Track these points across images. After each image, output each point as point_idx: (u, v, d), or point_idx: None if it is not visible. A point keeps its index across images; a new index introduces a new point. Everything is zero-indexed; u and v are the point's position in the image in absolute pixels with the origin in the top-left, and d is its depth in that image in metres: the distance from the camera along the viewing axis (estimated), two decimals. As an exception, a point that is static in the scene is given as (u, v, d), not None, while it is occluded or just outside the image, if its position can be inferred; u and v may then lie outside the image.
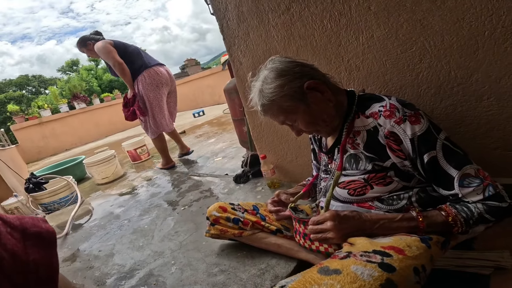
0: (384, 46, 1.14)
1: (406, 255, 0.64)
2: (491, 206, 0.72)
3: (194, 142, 4.37)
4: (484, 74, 1.00)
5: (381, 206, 0.86)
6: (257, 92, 0.88)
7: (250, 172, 2.12)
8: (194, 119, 7.63)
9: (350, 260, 0.64)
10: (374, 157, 0.84)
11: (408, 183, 0.84)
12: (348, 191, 0.90)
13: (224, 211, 1.20)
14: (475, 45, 0.98)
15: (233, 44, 1.65)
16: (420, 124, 0.77)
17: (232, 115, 2.45)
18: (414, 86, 1.13)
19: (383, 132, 0.81)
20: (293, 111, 0.86)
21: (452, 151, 0.76)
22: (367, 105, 0.86)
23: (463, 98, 1.07)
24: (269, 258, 1.14)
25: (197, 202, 1.97)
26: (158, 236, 1.63)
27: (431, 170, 0.77)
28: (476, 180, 0.73)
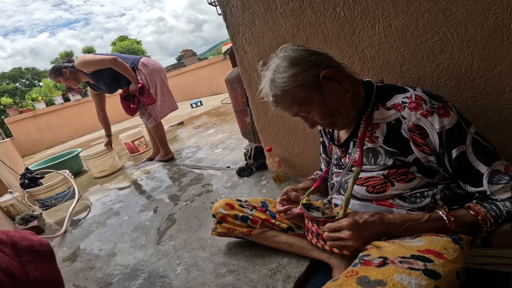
0: (403, 35, 1.07)
1: (446, 259, 0.60)
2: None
3: (193, 133, 4.30)
4: (507, 67, 0.96)
5: (404, 204, 0.81)
6: (268, 82, 0.82)
7: (254, 165, 2.07)
8: (192, 110, 7.53)
9: (391, 268, 0.58)
10: (396, 151, 0.79)
11: (432, 179, 0.79)
12: (367, 188, 0.85)
13: (231, 208, 1.15)
14: (500, 37, 0.93)
15: (237, 32, 1.57)
16: (450, 117, 0.72)
17: (234, 106, 2.38)
18: (434, 77, 1.08)
19: (407, 125, 0.75)
20: (307, 102, 0.80)
21: (482, 146, 0.72)
22: (388, 96, 0.81)
23: (485, 91, 1.02)
24: (280, 257, 1.10)
25: (200, 197, 1.92)
26: (160, 233, 1.58)
27: (459, 166, 0.73)
28: (506, 177, 0.70)
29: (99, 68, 2.55)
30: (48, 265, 0.57)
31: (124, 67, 2.54)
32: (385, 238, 0.75)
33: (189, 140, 3.91)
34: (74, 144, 7.35)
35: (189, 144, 3.67)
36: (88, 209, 2.26)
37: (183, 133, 4.60)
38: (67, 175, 2.66)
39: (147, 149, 3.96)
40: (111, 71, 2.56)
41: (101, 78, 2.64)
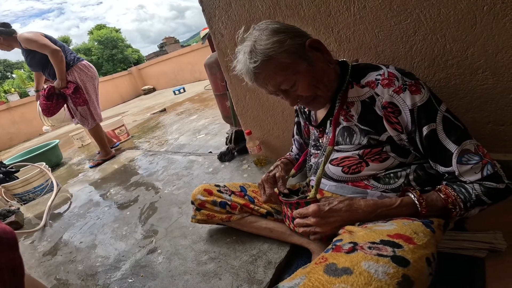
0: (377, 17, 1.05)
1: (416, 244, 0.58)
2: (488, 188, 0.67)
3: (175, 120, 4.21)
4: (480, 48, 0.96)
5: (378, 185, 0.81)
6: (247, 53, 0.74)
7: (235, 149, 2.05)
8: (174, 97, 7.38)
9: (360, 255, 0.56)
10: (370, 130, 0.78)
11: (405, 159, 0.79)
12: (342, 169, 0.84)
13: (209, 194, 1.13)
14: (473, 19, 0.93)
15: (214, 16, 1.51)
16: (421, 94, 0.71)
17: (214, 90, 2.33)
18: (407, 58, 1.07)
19: (380, 102, 0.74)
20: (294, 70, 0.74)
21: (452, 124, 0.71)
22: (362, 74, 0.79)
23: (458, 72, 1.02)
24: (261, 243, 1.10)
25: (181, 184, 1.89)
26: (141, 223, 1.56)
27: (429, 144, 0.72)
28: (475, 157, 0.68)
29: (37, 50, 2.46)
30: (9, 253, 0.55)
31: (60, 62, 2.48)
32: (359, 223, 0.75)
33: (172, 127, 3.83)
34: (53, 136, 7.08)
35: (172, 131, 3.60)
36: (68, 202, 2.20)
37: (166, 120, 4.50)
38: (43, 167, 2.56)
39: (128, 137, 3.86)
40: (44, 57, 2.48)
41: (31, 57, 2.57)
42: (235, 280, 0.98)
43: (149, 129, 4.14)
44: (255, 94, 1.62)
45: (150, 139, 3.55)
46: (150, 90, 11.74)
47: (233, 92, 1.73)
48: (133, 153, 3.02)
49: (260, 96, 1.60)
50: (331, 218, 0.75)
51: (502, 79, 0.97)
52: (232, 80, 1.68)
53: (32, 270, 1.41)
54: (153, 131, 3.91)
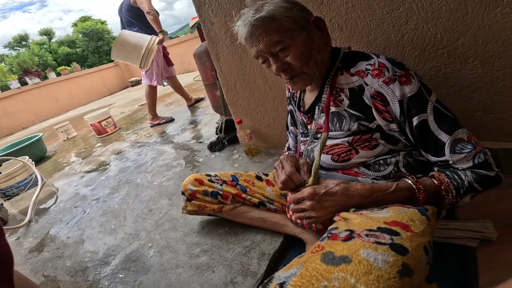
0: (370, 5, 1.02)
1: (414, 231, 0.57)
2: (479, 175, 0.67)
3: (164, 111, 4.11)
4: (471, 38, 0.95)
5: (368, 173, 0.79)
6: (252, 10, 0.74)
7: (226, 138, 2.00)
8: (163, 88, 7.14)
9: (357, 243, 0.54)
10: (360, 115, 0.76)
11: (395, 146, 0.77)
12: (332, 157, 0.81)
13: (200, 184, 1.09)
14: (465, 10, 0.92)
15: (203, 4, 1.44)
16: (411, 85, 0.69)
17: (204, 80, 2.27)
18: (399, 47, 1.05)
19: (369, 92, 0.72)
20: (292, 35, 0.73)
21: (443, 114, 0.69)
22: (353, 63, 0.77)
23: (448, 61, 1.01)
24: (254, 234, 1.08)
25: (171, 175, 1.84)
26: (130, 216, 1.51)
27: (420, 135, 0.70)
28: (469, 146, 0.68)
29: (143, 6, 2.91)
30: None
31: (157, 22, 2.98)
32: (354, 209, 0.73)
33: (160, 118, 3.72)
34: (36, 130, 6.81)
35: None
36: (54, 196, 2.11)
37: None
38: (26, 161, 2.44)
39: (115, 129, 3.74)
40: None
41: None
42: (228, 273, 0.95)
43: (137, 121, 4.02)
44: (245, 83, 1.57)
45: (138, 130, 3.45)
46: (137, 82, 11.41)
47: (223, 81, 1.67)
48: (121, 145, 2.93)
49: (251, 84, 1.56)
50: (327, 202, 0.73)
51: (491, 69, 0.96)
52: (222, 68, 1.62)
53: (19, 267, 1.35)
54: (141, 123, 3.79)
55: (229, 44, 1.49)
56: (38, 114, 8.73)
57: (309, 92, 0.91)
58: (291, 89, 1.03)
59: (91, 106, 8.39)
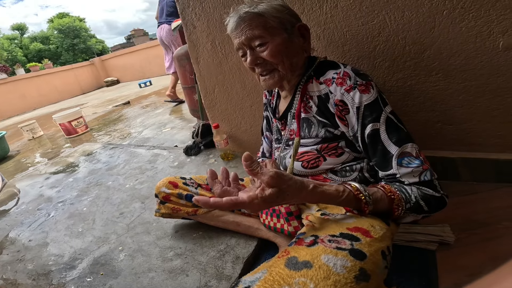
0: (347, 16, 1.06)
1: (373, 237, 0.58)
2: (425, 193, 0.65)
3: (140, 113, 3.97)
4: (436, 51, 1.00)
5: (335, 178, 0.81)
6: (247, 4, 0.78)
7: (202, 143, 1.97)
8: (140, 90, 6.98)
9: (320, 248, 0.54)
10: (327, 122, 0.79)
11: (359, 154, 0.79)
12: (302, 164, 0.83)
13: (175, 187, 1.06)
14: (432, 23, 0.97)
15: (187, 6, 1.42)
16: (369, 94, 0.71)
17: (182, 83, 2.23)
18: (371, 58, 1.10)
19: (333, 99, 0.75)
20: (272, 33, 0.76)
21: (395, 126, 0.70)
22: (323, 71, 0.79)
23: (414, 73, 1.06)
24: (228, 238, 1.06)
25: (144, 178, 1.77)
26: (100, 219, 1.43)
27: (371, 144, 0.71)
28: (416, 161, 0.67)
29: None
30: None
31: None
32: (321, 213, 0.73)
33: (135, 120, 3.60)
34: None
35: (135, 124, 3.39)
36: (15, 197, 1.95)
37: (129, 112, 4.22)
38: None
39: (87, 130, 3.55)
40: None
41: None
42: (203, 276, 0.93)
43: (111, 122, 3.85)
44: (224, 88, 1.56)
45: (111, 132, 3.30)
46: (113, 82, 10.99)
47: (202, 84, 1.65)
48: (92, 146, 2.78)
49: (229, 89, 1.55)
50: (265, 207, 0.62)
51: (453, 81, 1.02)
52: (201, 72, 1.60)
53: (-28, 272, 1.22)
54: (115, 124, 3.64)
55: (210, 48, 1.48)
56: (2, 111, 8.20)
57: (283, 99, 0.93)
58: (266, 92, 1.04)
59: (62, 105, 7.97)
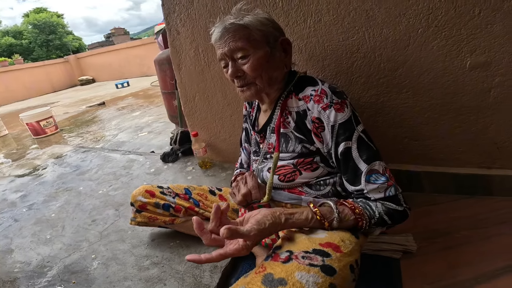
0: (329, 31, 1.10)
1: (343, 252, 0.61)
2: (389, 208, 0.70)
3: (116, 115, 3.83)
4: (408, 69, 1.06)
5: (310, 192, 0.84)
6: (234, 15, 0.78)
7: (180, 150, 1.94)
8: (116, 90, 6.75)
9: (294, 265, 0.57)
10: (303, 138, 0.81)
11: (332, 169, 0.82)
12: (279, 177, 0.85)
13: (152, 196, 1.03)
14: (407, 41, 1.02)
15: (173, 12, 1.41)
16: (343, 113, 0.74)
17: (162, 88, 2.19)
18: (348, 74, 1.14)
19: (310, 116, 0.77)
20: (255, 45, 0.76)
21: (366, 144, 0.74)
22: (302, 87, 0.82)
23: (386, 90, 1.12)
24: (206, 247, 1.04)
25: (118, 184, 1.71)
26: (70, 226, 1.35)
27: (343, 160, 0.75)
28: (382, 178, 0.71)
29: None
30: None
31: None
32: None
33: (110, 122, 3.47)
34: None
35: (110, 126, 3.26)
36: (-27, 202, 1.79)
37: (104, 114, 4.07)
38: None
39: (56, 130, 3.37)
40: None
41: None
42: (180, 285, 0.91)
43: (83, 123, 3.68)
44: (205, 96, 1.55)
45: (83, 134, 3.15)
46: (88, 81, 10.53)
47: (182, 92, 1.63)
48: (62, 148, 2.64)
49: (210, 98, 1.54)
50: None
51: (421, 99, 1.09)
52: (183, 79, 1.58)
53: None
54: (88, 126, 3.49)
55: (193, 55, 1.47)
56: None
57: (263, 112, 0.94)
58: (247, 104, 1.05)
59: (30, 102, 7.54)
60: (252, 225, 0.62)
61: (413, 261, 0.91)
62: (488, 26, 0.93)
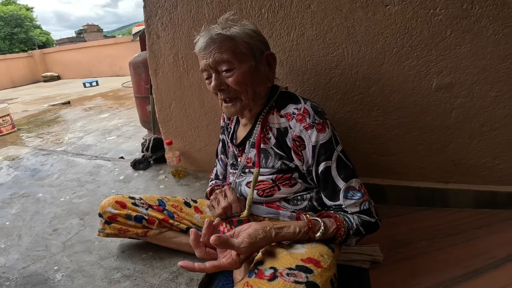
0: (311, 46, 1.13)
1: (323, 267, 0.64)
2: (364, 220, 0.74)
3: (82, 116, 3.61)
4: (380, 88, 1.12)
5: (288, 206, 0.85)
6: (221, 25, 0.77)
7: (152, 157, 1.87)
8: (84, 89, 6.37)
9: (280, 283, 0.58)
10: (283, 155, 0.82)
11: (309, 185, 0.85)
12: (257, 192, 0.86)
13: (122, 207, 0.97)
14: (382, 60, 1.07)
15: (155, 15, 1.37)
16: (325, 133, 0.76)
17: (136, 92, 2.10)
18: (325, 89, 1.18)
19: (291, 134, 0.78)
20: (241, 59, 0.75)
21: (344, 163, 0.77)
22: (284, 104, 0.82)
23: (360, 107, 1.17)
24: (181, 259, 0.98)
25: (83, 191, 1.60)
26: (28, 235, 1.24)
27: (323, 178, 0.77)
28: (358, 194, 0.75)
29: None
30: None
31: None
32: None
33: (75, 123, 3.25)
34: None
35: (75, 128, 3.06)
36: None
37: (69, 114, 3.81)
38: None
39: (13, 129, 3.08)
40: None
41: None
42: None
43: (44, 123, 3.41)
44: (181, 103, 1.52)
45: (44, 134, 2.92)
46: (53, 78, 9.84)
47: (158, 98, 1.58)
48: (19, 150, 2.42)
49: (187, 106, 1.51)
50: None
51: (390, 117, 1.15)
52: (159, 85, 1.53)
53: None
54: (50, 126, 3.24)
55: (172, 61, 1.43)
56: None
57: (242, 126, 0.93)
58: (225, 116, 1.04)
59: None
60: (244, 238, 0.63)
61: (380, 271, 0.94)
62: (457, 47, 1.00)
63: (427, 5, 0.98)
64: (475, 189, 1.17)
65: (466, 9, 0.96)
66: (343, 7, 1.05)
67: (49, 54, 10.45)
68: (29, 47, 25.70)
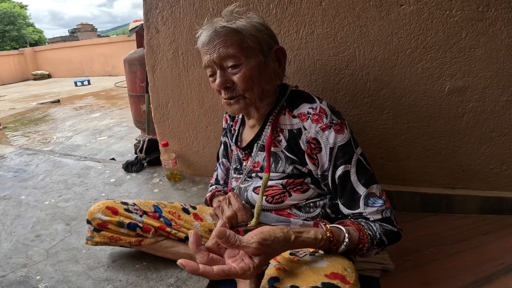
0: (321, 45, 1.07)
1: (350, 283, 0.56)
2: (386, 228, 0.67)
3: (71, 115, 3.44)
4: (391, 90, 1.06)
5: (299, 214, 0.77)
6: (226, 17, 0.70)
7: (146, 159, 1.75)
8: (75, 88, 6.18)
9: None
10: (295, 159, 0.74)
11: (323, 191, 0.77)
12: (266, 198, 0.77)
13: (114, 213, 0.87)
14: (395, 61, 1.02)
15: (155, 8, 1.28)
16: (343, 135, 0.69)
17: (130, 90, 1.99)
18: (334, 90, 1.12)
19: (306, 136, 0.71)
20: (248, 54, 0.68)
21: (364, 167, 0.70)
22: (297, 104, 0.75)
23: (369, 110, 1.12)
24: (178, 271, 0.91)
25: (70, 195, 1.47)
26: (7, 241, 1.12)
27: (341, 184, 0.70)
28: (380, 201, 0.68)
29: None
30: None
31: None
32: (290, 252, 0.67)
33: (64, 123, 3.09)
34: None
35: (64, 127, 2.90)
36: None
37: (58, 113, 3.63)
38: None
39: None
40: None
41: None
42: (149, 317, 0.75)
43: (32, 122, 3.24)
44: (179, 103, 1.42)
45: (30, 133, 2.75)
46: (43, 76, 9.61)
47: (154, 96, 1.48)
48: (3, 149, 2.26)
49: (185, 105, 1.42)
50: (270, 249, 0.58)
51: (399, 121, 1.10)
52: (156, 82, 1.43)
53: None
54: (37, 125, 3.07)
55: (171, 57, 1.34)
56: None
57: (249, 128, 0.85)
58: (227, 117, 0.96)
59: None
60: (254, 233, 0.51)
61: (391, 279, 0.90)
62: (471, 50, 0.96)
63: (443, 6, 0.94)
64: (482, 195, 1.14)
65: (482, 11, 0.92)
66: (356, 6, 0.99)
67: (41, 52, 10.24)
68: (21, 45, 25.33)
